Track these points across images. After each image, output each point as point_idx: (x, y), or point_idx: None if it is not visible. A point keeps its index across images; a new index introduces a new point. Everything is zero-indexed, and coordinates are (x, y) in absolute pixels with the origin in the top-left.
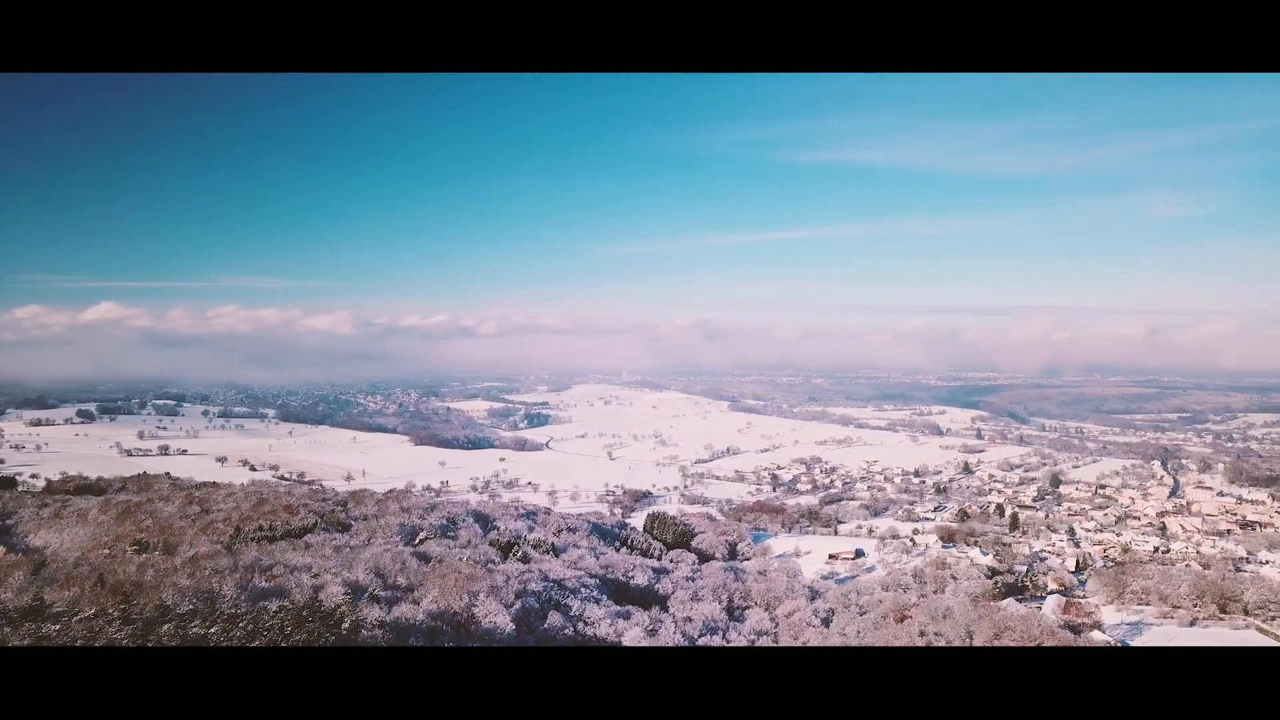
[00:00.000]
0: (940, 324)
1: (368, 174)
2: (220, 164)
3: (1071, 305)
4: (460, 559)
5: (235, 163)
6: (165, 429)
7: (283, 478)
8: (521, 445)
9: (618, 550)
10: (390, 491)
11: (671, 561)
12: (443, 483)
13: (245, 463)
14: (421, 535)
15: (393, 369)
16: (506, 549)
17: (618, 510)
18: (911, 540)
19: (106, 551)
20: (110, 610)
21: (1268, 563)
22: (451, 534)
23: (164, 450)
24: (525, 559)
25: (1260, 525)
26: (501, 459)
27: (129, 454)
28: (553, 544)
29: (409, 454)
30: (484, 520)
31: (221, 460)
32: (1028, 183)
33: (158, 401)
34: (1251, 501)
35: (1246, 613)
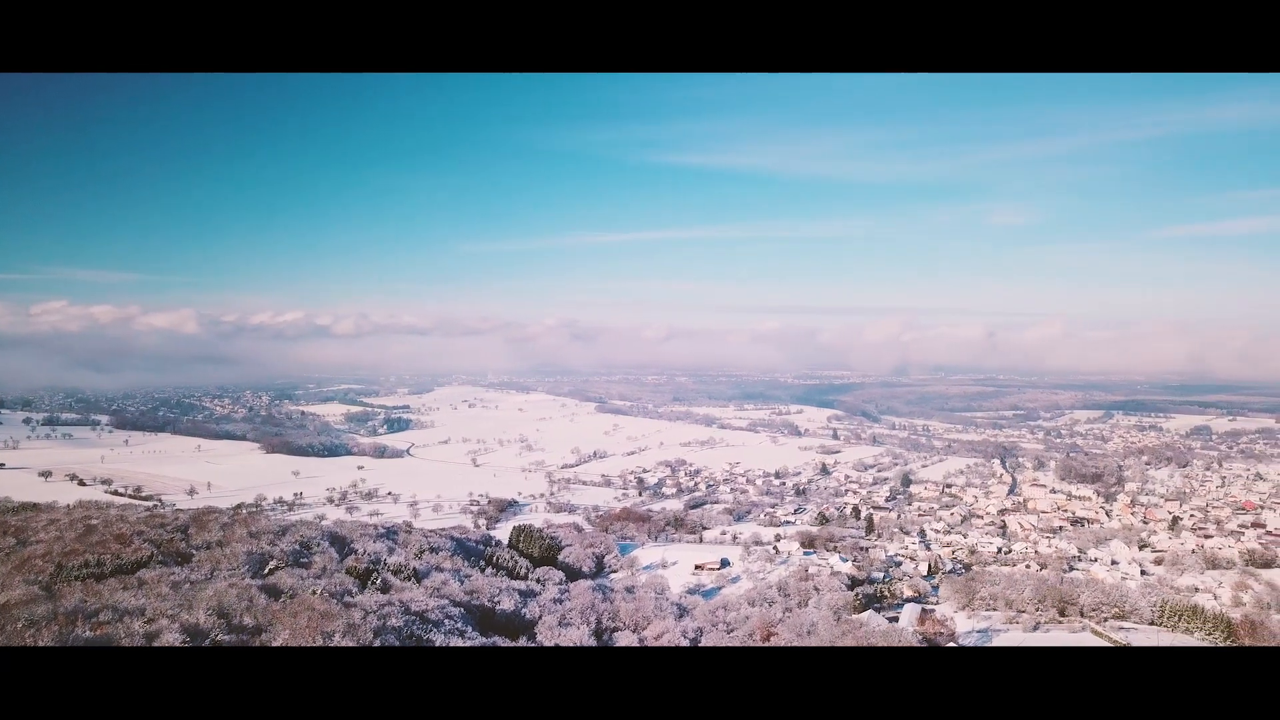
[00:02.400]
0: (797, 324)
1: (215, 162)
2: (48, 144)
3: (919, 307)
4: (314, 592)
5: (66, 143)
6: None
7: (116, 493)
8: (381, 452)
9: (483, 570)
10: (238, 511)
11: (539, 581)
12: (296, 494)
13: (73, 477)
14: (271, 565)
15: (242, 371)
16: (365, 576)
17: (482, 522)
18: (775, 548)
19: None
20: None
21: (1096, 559)
22: (305, 561)
23: None
24: (385, 587)
25: (1088, 521)
26: (360, 467)
27: None
28: (414, 568)
29: (259, 463)
30: (340, 543)
31: (45, 475)
32: (880, 189)
33: None
34: (1080, 498)
35: (1083, 614)
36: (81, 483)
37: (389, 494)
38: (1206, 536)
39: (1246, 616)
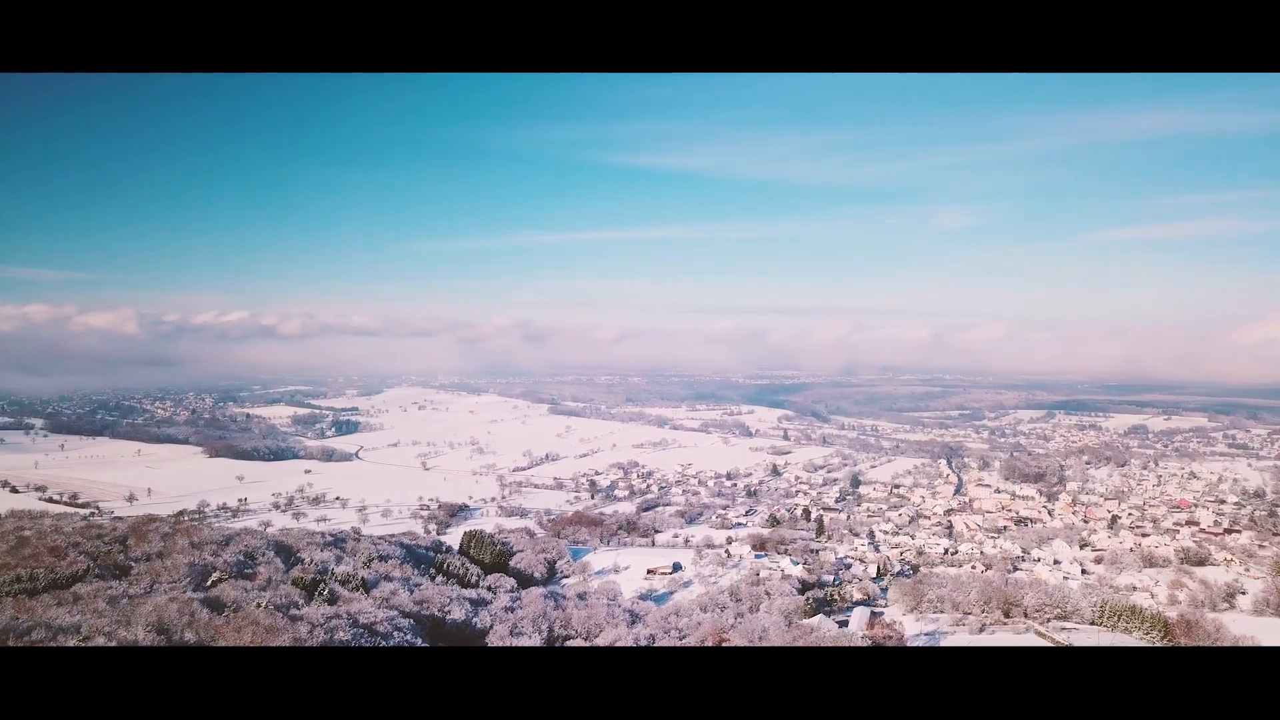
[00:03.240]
0: (748, 325)
1: (157, 158)
2: None
3: (866, 308)
4: (259, 605)
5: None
6: None
7: (51, 500)
8: (329, 455)
9: (433, 579)
10: (179, 520)
11: (490, 589)
12: (240, 500)
13: (5, 484)
14: (214, 576)
15: (184, 372)
16: (312, 588)
17: (433, 527)
18: (726, 551)
19: None
20: None
21: (1039, 559)
22: (249, 572)
23: None
24: (332, 598)
25: (1031, 521)
26: (307, 471)
27: None
28: (363, 578)
29: (202, 468)
30: (286, 553)
31: None
32: (829, 191)
33: None
34: (1023, 497)
35: (1026, 616)
36: (14, 490)
37: (337, 499)
38: (1144, 535)
39: (1182, 616)
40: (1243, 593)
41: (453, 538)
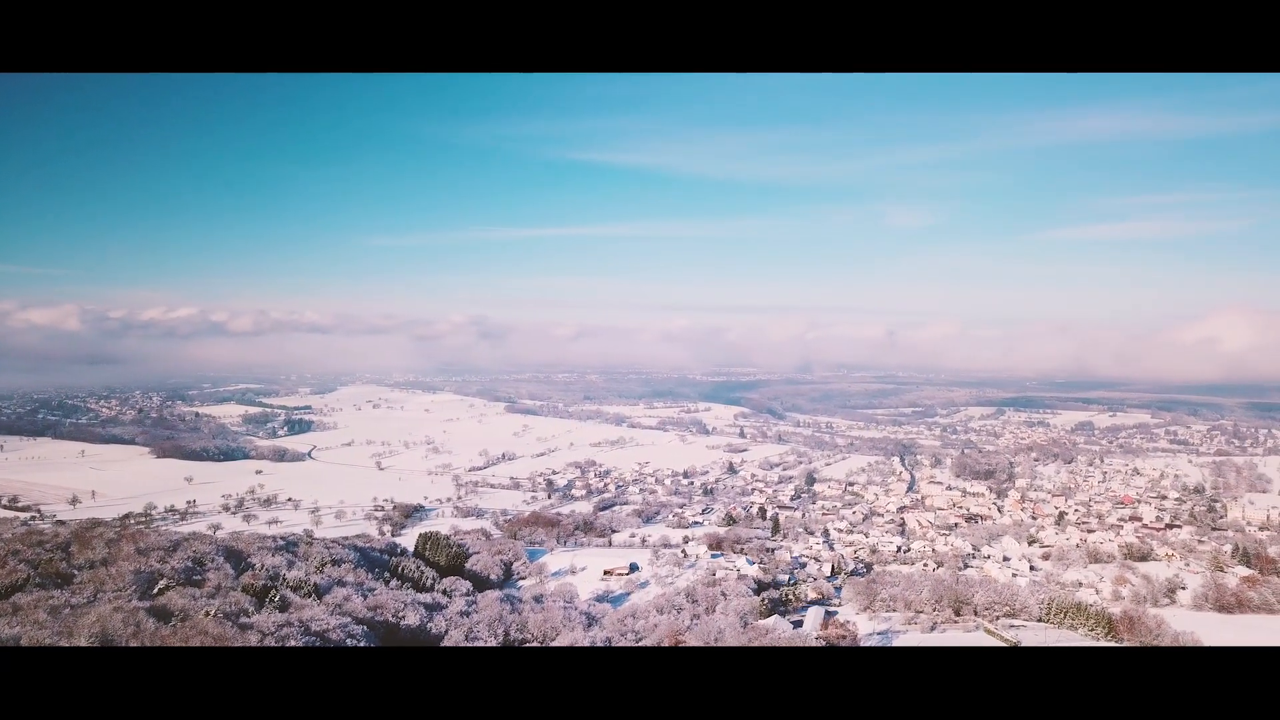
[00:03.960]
0: (705, 322)
1: (103, 151)
2: None
3: (821, 306)
4: (207, 613)
5: None
6: None
7: None
8: (281, 456)
9: (387, 583)
10: (125, 524)
11: (445, 593)
12: (189, 503)
13: None
14: (161, 584)
15: (130, 370)
16: (262, 594)
17: (387, 528)
18: (683, 551)
19: None
20: None
21: (989, 556)
22: (198, 578)
23: None
24: (284, 605)
25: (981, 518)
26: (258, 471)
27: None
28: (315, 583)
29: (149, 469)
30: (236, 558)
31: None
32: (784, 189)
33: None
34: (974, 494)
35: (977, 614)
36: None
37: (289, 500)
38: (1089, 531)
39: (1125, 613)
40: (1183, 588)
41: (408, 539)
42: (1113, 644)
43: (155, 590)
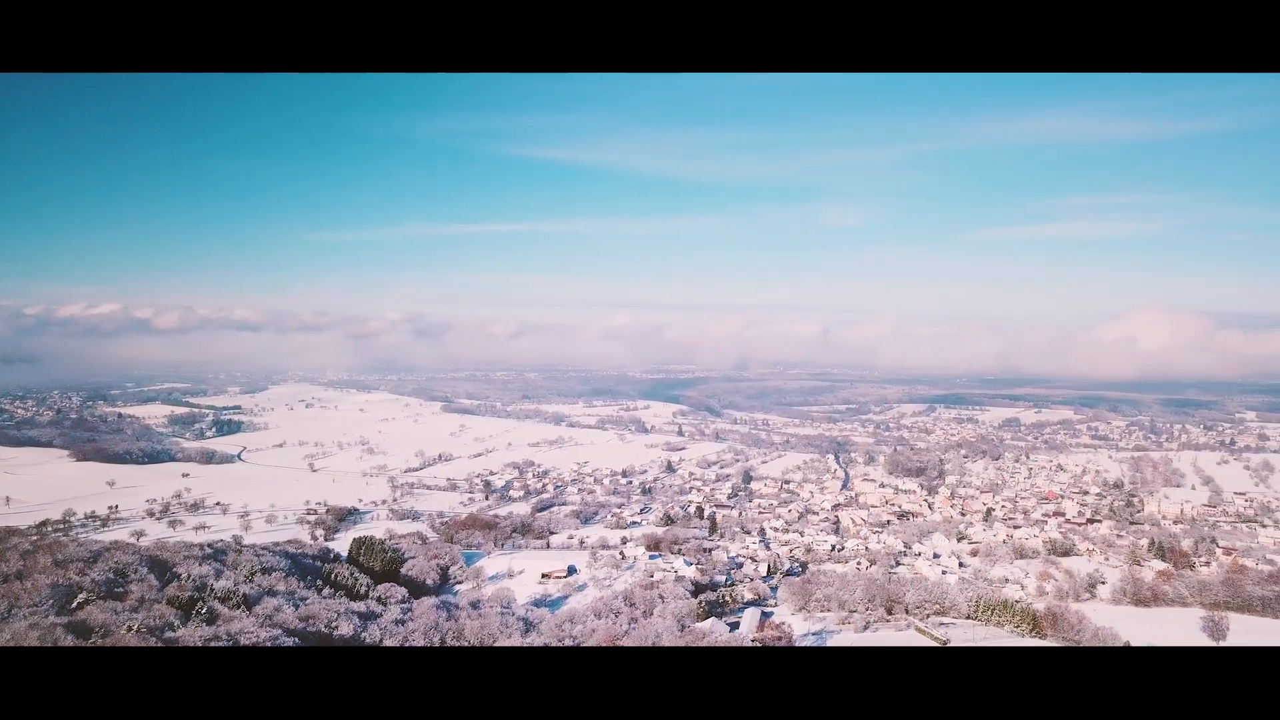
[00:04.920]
0: (646, 320)
1: (18, 140)
2: None
3: (759, 304)
4: (129, 629)
5: None
6: None
7: None
8: (209, 458)
9: (320, 591)
10: (41, 533)
11: (380, 600)
12: (111, 508)
13: None
14: (80, 598)
15: (48, 370)
16: (189, 607)
17: (320, 533)
18: (621, 553)
19: None
20: None
21: (920, 554)
22: (120, 591)
23: None
24: (211, 618)
25: (912, 515)
26: (185, 474)
27: None
28: (244, 594)
29: (68, 473)
30: (161, 568)
31: None
32: (724, 188)
33: None
34: (906, 491)
35: (908, 612)
36: None
37: (217, 504)
38: (1015, 527)
39: (1048, 609)
40: (1102, 582)
41: (342, 544)
42: (1036, 642)
43: (74, 605)
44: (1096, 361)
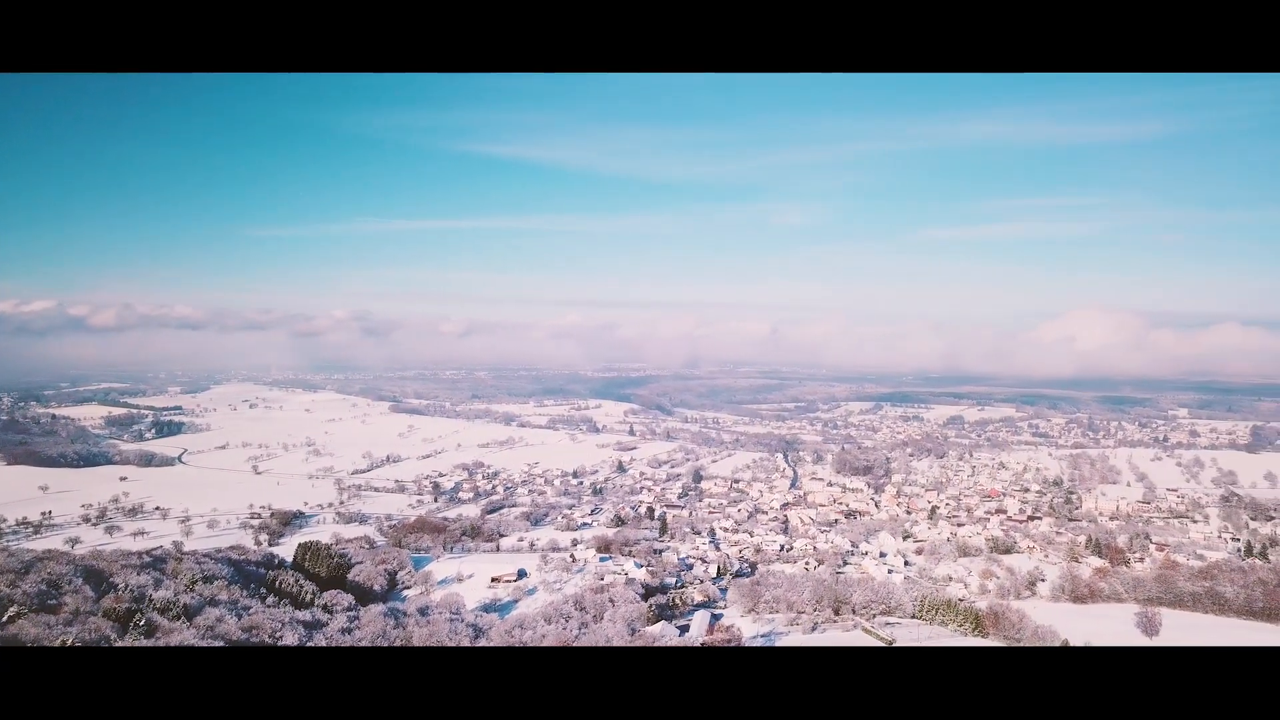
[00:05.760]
0: (597, 318)
1: None
2: None
3: (710, 302)
4: (63, 643)
5: None
6: None
7: None
8: (148, 460)
9: (264, 599)
10: None
11: (326, 608)
12: (44, 514)
13: None
14: (11, 611)
15: None
16: (126, 619)
17: (264, 537)
18: (571, 556)
19: None
20: None
21: (867, 553)
22: (53, 603)
23: None
24: (150, 630)
25: (860, 514)
26: (123, 478)
27: None
28: (185, 604)
29: None
30: (96, 578)
31: None
32: (674, 187)
33: None
34: (853, 490)
35: (855, 613)
36: None
37: (157, 509)
38: (959, 525)
39: (990, 608)
40: (1042, 580)
41: (286, 549)
42: (979, 642)
43: (4, 619)
44: (1037, 360)
